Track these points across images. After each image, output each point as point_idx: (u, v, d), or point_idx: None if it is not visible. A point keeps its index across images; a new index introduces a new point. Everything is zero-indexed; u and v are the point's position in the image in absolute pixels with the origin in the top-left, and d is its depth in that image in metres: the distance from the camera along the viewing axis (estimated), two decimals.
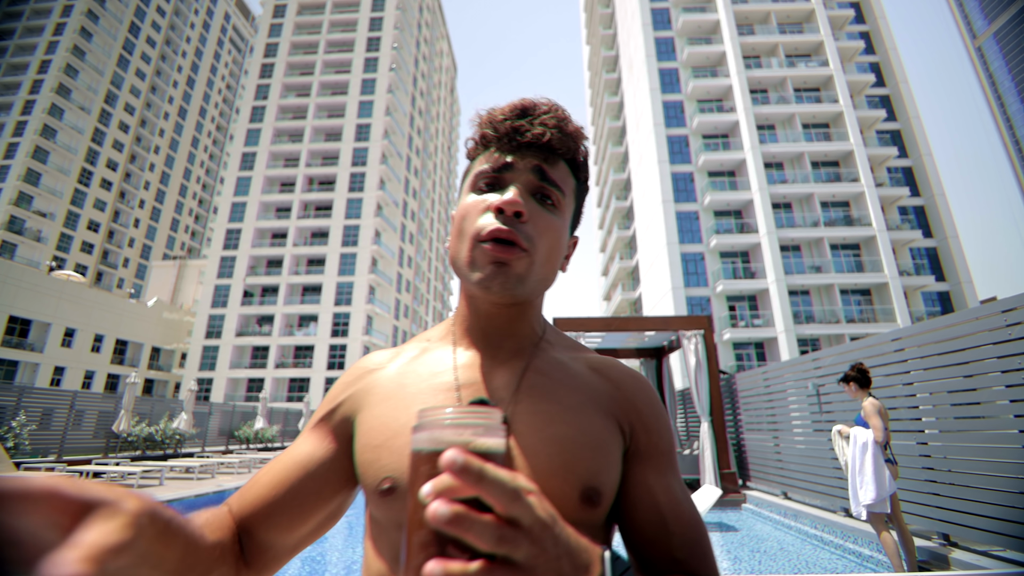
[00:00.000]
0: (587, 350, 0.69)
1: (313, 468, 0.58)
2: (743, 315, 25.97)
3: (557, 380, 0.60)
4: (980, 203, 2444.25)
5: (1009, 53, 71.13)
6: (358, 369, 0.65)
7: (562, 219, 0.61)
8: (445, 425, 0.31)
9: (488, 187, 0.60)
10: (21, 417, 9.30)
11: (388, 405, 0.58)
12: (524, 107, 0.61)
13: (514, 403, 0.57)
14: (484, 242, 0.56)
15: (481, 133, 0.63)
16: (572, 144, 0.61)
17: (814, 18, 30.60)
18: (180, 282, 47.17)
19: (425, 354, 0.64)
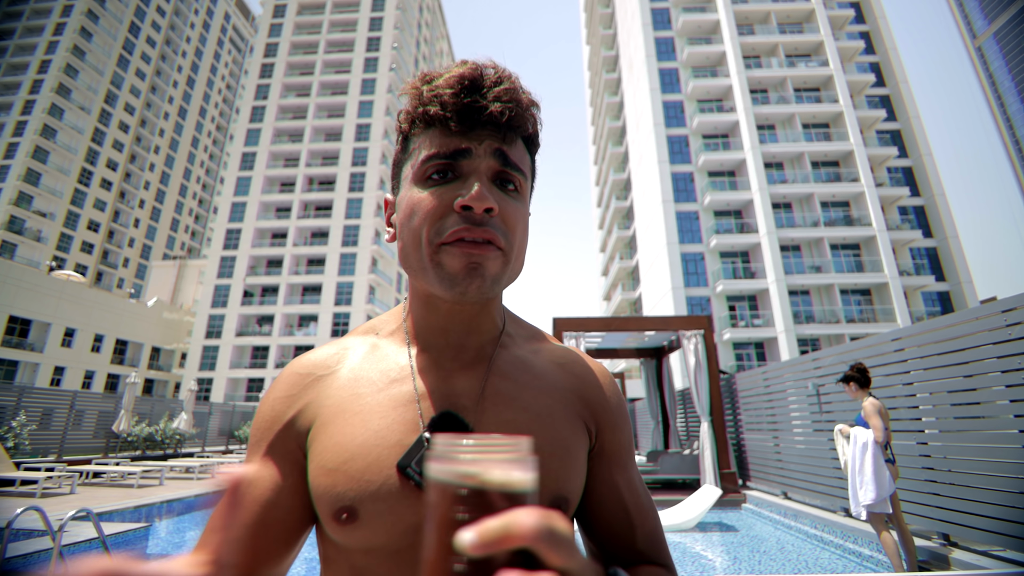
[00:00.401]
0: (548, 339, 0.65)
1: (290, 500, 0.51)
2: (743, 315, 25.97)
3: (522, 383, 0.56)
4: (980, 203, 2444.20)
5: (1009, 53, 71.13)
6: (299, 376, 0.56)
7: (525, 204, 0.56)
8: (468, 459, 0.27)
9: (439, 175, 0.52)
10: (21, 417, 9.30)
11: (342, 421, 0.52)
12: (472, 78, 0.52)
13: (479, 412, 0.53)
14: (450, 243, 0.50)
15: (423, 110, 0.53)
16: (528, 118, 0.55)
17: (814, 18, 30.60)
18: (180, 282, 47.16)
19: (376, 352, 0.58)
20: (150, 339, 38.71)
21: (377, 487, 0.48)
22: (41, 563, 4.07)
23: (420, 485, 0.47)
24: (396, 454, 0.49)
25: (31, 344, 30.48)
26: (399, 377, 0.55)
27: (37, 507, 3.76)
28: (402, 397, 0.53)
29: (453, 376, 0.55)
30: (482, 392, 0.54)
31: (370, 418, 0.51)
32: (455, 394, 0.54)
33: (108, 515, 5.90)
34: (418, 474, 0.48)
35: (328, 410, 0.53)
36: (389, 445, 0.50)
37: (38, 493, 7.08)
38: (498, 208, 0.51)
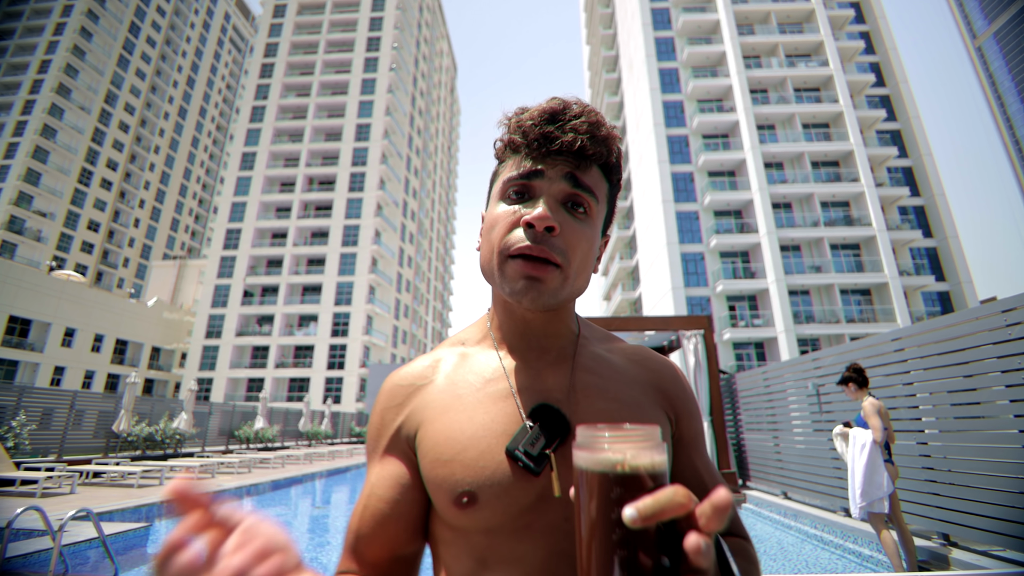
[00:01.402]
0: (618, 340, 0.71)
1: (408, 492, 0.58)
2: (743, 315, 25.97)
3: (606, 377, 0.61)
4: (980, 203, 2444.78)
5: (1009, 53, 71.11)
6: (401, 387, 0.63)
7: (593, 227, 0.60)
8: (611, 446, 0.32)
9: (517, 195, 0.59)
10: (21, 417, 9.30)
11: (449, 418, 0.58)
12: (554, 111, 0.59)
13: (571, 404, 0.58)
14: (514, 257, 0.56)
15: (509, 139, 0.61)
16: (605, 149, 0.59)
17: (814, 18, 30.60)
18: (180, 282, 47.17)
19: (467, 360, 0.64)
20: (150, 339, 38.72)
21: (492, 471, 0.53)
22: (41, 563, 4.07)
23: (528, 467, 0.53)
24: (504, 442, 0.55)
25: (31, 344, 30.48)
26: (494, 377, 0.61)
27: (37, 507, 3.76)
28: (500, 394, 0.59)
29: (542, 373, 0.61)
30: (571, 386, 0.60)
31: (475, 414, 0.57)
32: (547, 389, 0.59)
33: (108, 515, 5.90)
34: (524, 455, 0.53)
35: (433, 411, 0.59)
36: (496, 435, 0.55)
37: (38, 493, 7.08)
38: (560, 228, 0.56)
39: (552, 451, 0.54)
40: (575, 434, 0.53)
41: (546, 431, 0.55)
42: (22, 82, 43.67)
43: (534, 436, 0.55)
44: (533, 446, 0.54)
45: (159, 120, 55.05)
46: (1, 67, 44.84)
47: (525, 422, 0.56)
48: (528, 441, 0.54)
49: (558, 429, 0.56)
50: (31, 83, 43.47)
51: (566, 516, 0.53)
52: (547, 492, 0.53)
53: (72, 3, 46.45)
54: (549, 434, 0.55)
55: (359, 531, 0.57)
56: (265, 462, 13.46)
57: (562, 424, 0.56)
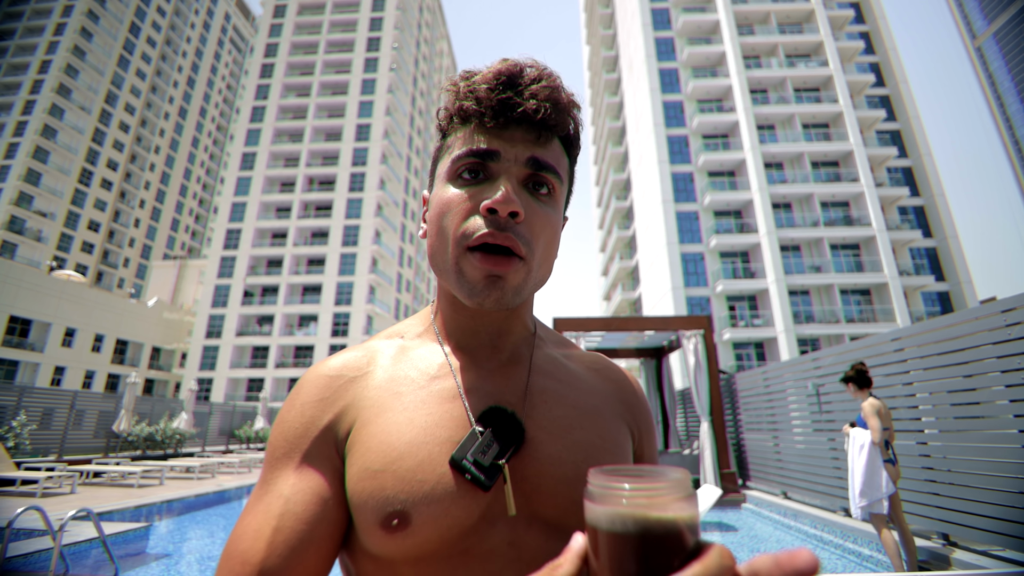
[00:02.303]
0: (575, 346, 0.65)
1: (334, 513, 0.46)
2: (743, 315, 25.97)
3: (564, 382, 0.56)
4: (980, 203, 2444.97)
5: (1009, 53, 71.11)
6: (329, 379, 0.52)
7: (557, 209, 0.54)
8: (636, 500, 0.25)
9: (471, 174, 0.51)
10: (22, 417, 9.30)
11: (385, 419, 0.49)
12: (511, 73, 0.51)
13: (527, 408, 0.52)
14: (472, 249, 0.49)
15: (459, 105, 0.53)
16: (566, 118, 0.53)
17: (814, 18, 30.60)
18: (180, 282, 47.17)
19: (407, 354, 0.56)
20: (150, 339, 38.72)
21: (431, 487, 0.44)
22: (41, 563, 4.07)
23: (477, 479, 0.45)
24: (448, 451, 0.46)
25: (31, 344, 30.48)
26: (439, 374, 0.53)
27: (37, 507, 3.77)
28: (446, 393, 0.51)
29: (493, 374, 0.54)
30: (527, 389, 0.53)
31: (416, 415, 0.49)
32: (499, 391, 0.53)
33: (108, 515, 5.90)
34: (474, 465, 0.45)
35: (368, 411, 0.50)
36: (440, 442, 0.47)
37: (38, 493, 7.08)
38: (524, 213, 0.49)
39: (506, 462, 0.46)
40: (530, 439, 0.49)
41: (499, 438, 0.47)
42: (22, 82, 43.67)
43: (485, 443, 0.46)
44: (484, 455, 0.46)
45: (159, 120, 55.05)
46: (1, 67, 44.84)
47: (475, 427, 0.48)
48: (478, 449, 0.46)
49: (512, 436, 0.48)
50: (31, 83, 43.48)
51: (510, 541, 0.45)
52: (491, 511, 0.46)
53: (72, 3, 46.45)
54: (503, 442, 0.47)
55: (265, 563, 0.42)
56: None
57: (516, 430, 0.48)
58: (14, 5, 47.57)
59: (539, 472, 0.47)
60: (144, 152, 52.61)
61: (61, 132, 43.17)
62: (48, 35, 45.51)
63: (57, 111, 43.06)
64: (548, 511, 0.46)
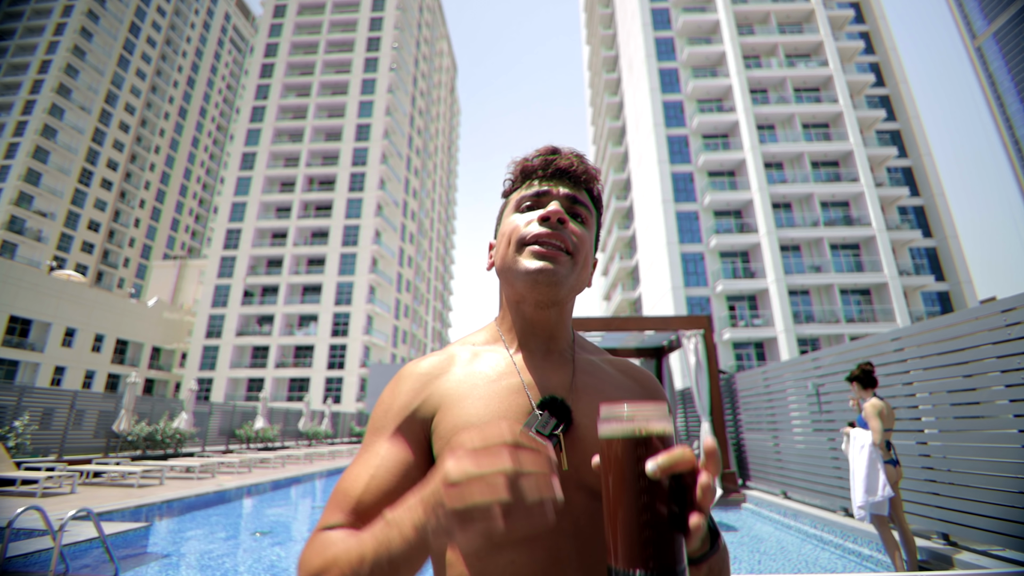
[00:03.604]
0: (605, 353, 0.80)
1: (411, 472, 0.60)
2: (743, 315, 25.97)
3: (601, 379, 0.70)
4: (980, 203, 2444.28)
5: (1009, 53, 71.08)
6: (420, 376, 0.68)
7: (590, 234, 0.72)
8: (633, 418, 0.42)
9: (528, 208, 0.71)
10: (24, 418, 9.31)
11: (466, 404, 0.63)
12: (553, 149, 0.75)
13: (573, 400, 0.65)
14: (530, 244, 0.66)
15: (522, 167, 0.75)
16: (591, 178, 0.74)
17: (814, 18, 30.59)
18: (180, 282, 47.16)
19: (479, 357, 0.70)
20: (150, 339, 38.71)
21: None
22: (41, 563, 4.07)
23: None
24: (517, 425, 0.59)
25: (31, 344, 30.48)
26: (506, 372, 0.67)
27: (37, 507, 3.77)
28: (512, 387, 0.65)
29: (547, 372, 0.68)
30: (572, 385, 0.67)
31: (490, 402, 0.63)
32: (552, 386, 0.66)
33: (108, 515, 5.90)
34: (538, 434, 0.59)
35: (450, 398, 0.64)
36: (511, 419, 0.62)
37: (38, 493, 7.08)
38: (568, 223, 0.68)
39: (562, 431, 0.61)
40: (576, 423, 0.64)
41: (554, 418, 0.62)
42: (23, 82, 43.66)
43: (544, 421, 0.61)
44: (545, 427, 0.60)
45: (159, 120, 55.05)
46: (1, 67, 44.84)
47: (536, 411, 0.62)
48: (540, 424, 0.61)
49: (563, 418, 0.62)
50: (31, 83, 43.47)
51: (566, 496, 0.58)
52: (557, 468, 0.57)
53: (72, 3, 46.45)
54: (557, 420, 0.62)
55: (361, 498, 0.58)
56: (265, 462, 13.46)
57: (566, 415, 0.62)
58: (14, 5, 47.57)
59: (582, 450, 0.61)
60: (144, 152, 52.60)
61: (61, 132, 43.17)
62: (48, 35, 45.50)
63: (57, 111, 43.06)
64: (588, 478, 0.60)
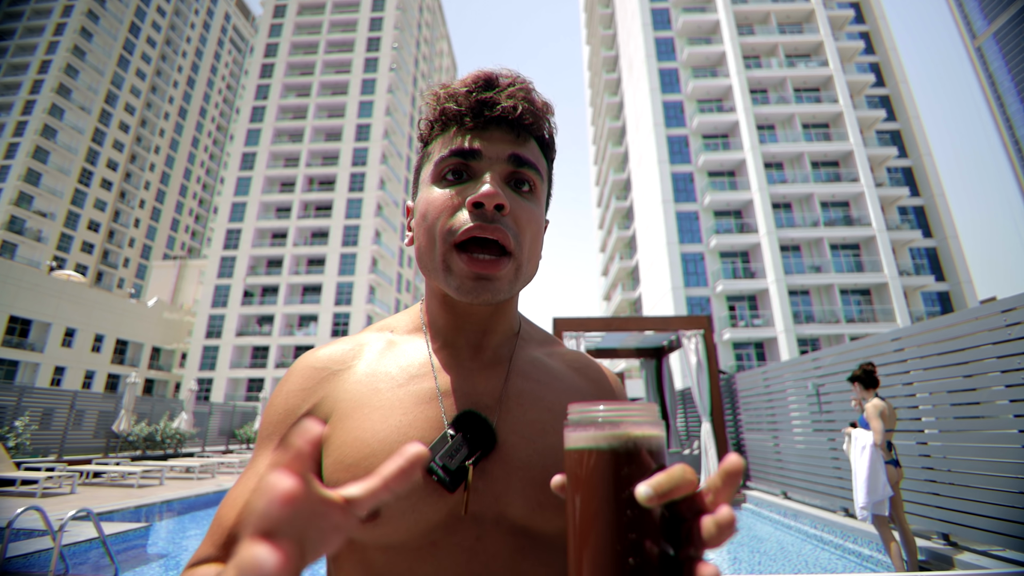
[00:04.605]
0: (559, 343, 0.66)
1: None
2: (743, 315, 25.97)
3: (543, 384, 0.57)
4: (980, 203, 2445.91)
5: (1009, 53, 71.09)
6: (314, 369, 0.55)
7: (539, 206, 0.56)
8: (615, 422, 0.30)
9: (454, 175, 0.53)
10: (25, 418, 9.31)
11: (361, 415, 0.50)
12: (488, 78, 0.54)
13: (502, 411, 0.53)
14: (459, 244, 0.51)
15: (440, 109, 0.55)
16: (542, 120, 0.56)
17: (814, 18, 30.59)
18: (180, 282, 47.16)
19: (393, 349, 0.58)
20: (150, 339, 38.71)
21: None
22: (41, 563, 4.07)
23: (443, 481, 0.47)
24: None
25: (31, 344, 30.47)
26: (419, 373, 0.54)
27: (37, 507, 3.77)
28: (423, 394, 0.52)
29: (473, 375, 0.55)
30: (504, 391, 0.54)
31: (391, 413, 0.50)
32: (476, 393, 0.54)
33: (108, 515, 5.90)
34: (441, 469, 0.47)
35: (345, 404, 0.52)
36: (412, 441, 0.48)
37: (38, 493, 7.08)
38: (510, 207, 0.51)
39: (472, 464, 0.48)
40: (502, 441, 0.51)
41: (469, 442, 0.49)
42: (22, 82, 43.66)
43: (455, 447, 0.48)
44: (452, 459, 0.48)
45: (159, 120, 55.05)
46: (1, 67, 44.84)
47: (447, 430, 0.49)
48: (447, 453, 0.48)
49: (482, 440, 0.50)
50: (31, 83, 43.47)
51: (477, 536, 0.47)
52: (459, 509, 0.48)
53: (72, 3, 46.45)
54: (471, 446, 0.49)
55: (233, 531, 0.48)
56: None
57: (487, 435, 0.50)
58: (14, 5, 47.57)
59: (509, 474, 0.49)
60: (144, 152, 52.60)
61: (61, 132, 43.16)
62: (48, 35, 45.50)
63: (57, 111, 43.05)
64: (516, 512, 0.48)
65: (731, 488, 0.28)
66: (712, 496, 0.28)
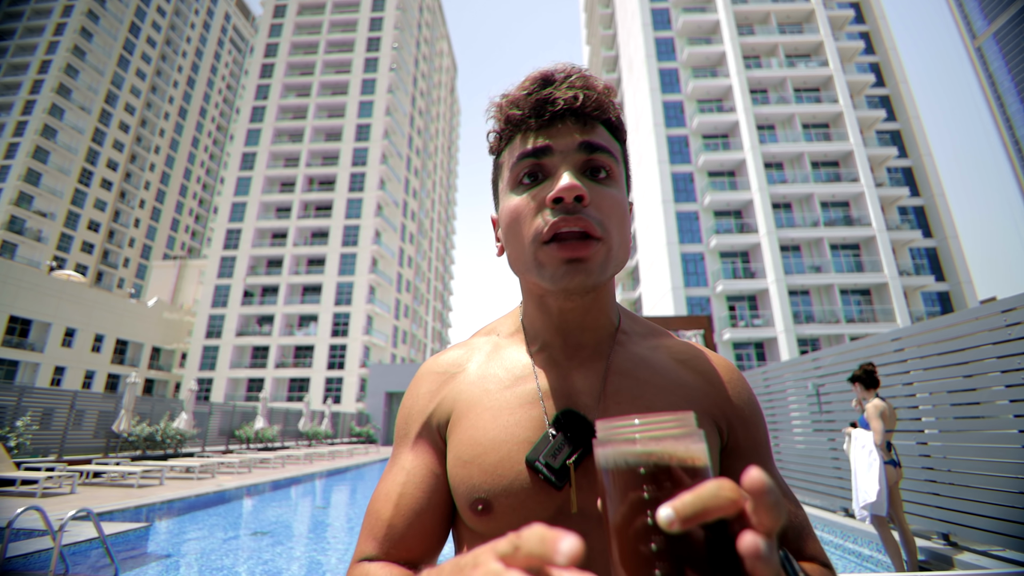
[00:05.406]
0: (667, 334, 0.64)
1: (440, 485, 0.55)
2: (743, 315, 25.97)
3: (643, 381, 0.55)
4: (980, 203, 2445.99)
5: (1009, 53, 71.10)
6: (436, 374, 0.61)
7: (620, 190, 0.55)
8: (643, 438, 0.26)
9: (530, 178, 0.54)
10: (26, 418, 9.31)
11: (475, 415, 0.55)
12: (544, 77, 0.54)
13: (601, 410, 0.53)
14: (547, 243, 0.51)
15: (505, 116, 0.55)
16: (606, 103, 0.55)
17: (814, 18, 30.59)
18: (180, 282, 47.17)
19: (499, 352, 0.61)
20: (150, 339, 38.71)
21: (509, 481, 0.50)
22: (41, 563, 4.07)
23: (549, 479, 0.48)
24: (525, 450, 0.51)
25: (31, 344, 30.48)
26: (523, 375, 0.57)
27: (37, 507, 3.77)
28: (527, 395, 0.55)
29: (571, 375, 0.56)
30: (603, 390, 0.54)
31: (499, 414, 0.54)
32: (576, 392, 0.55)
33: (108, 515, 5.90)
34: (546, 467, 0.49)
35: (462, 404, 0.56)
36: (518, 441, 0.52)
37: (38, 493, 7.08)
38: (590, 197, 0.51)
39: (573, 463, 0.49)
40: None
41: (571, 441, 0.50)
42: (22, 82, 43.67)
43: (557, 446, 0.50)
44: (555, 458, 0.49)
45: (159, 120, 55.06)
46: (1, 67, 44.84)
47: (548, 430, 0.51)
48: (550, 452, 0.49)
49: (584, 438, 0.50)
50: (31, 83, 43.48)
51: (583, 532, 0.48)
52: (568, 506, 0.50)
53: (72, 3, 46.46)
54: (574, 444, 0.50)
55: (392, 522, 0.53)
56: (265, 462, 13.46)
57: (588, 433, 0.51)
58: (14, 5, 47.58)
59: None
60: (144, 152, 52.60)
61: (61, 132, 43.17)
62: (48, 35, 45.51)
63: (57, 111, 43.06)
64: None
65: (764, 509, 0.24)
66: (754, 518, 0.24)
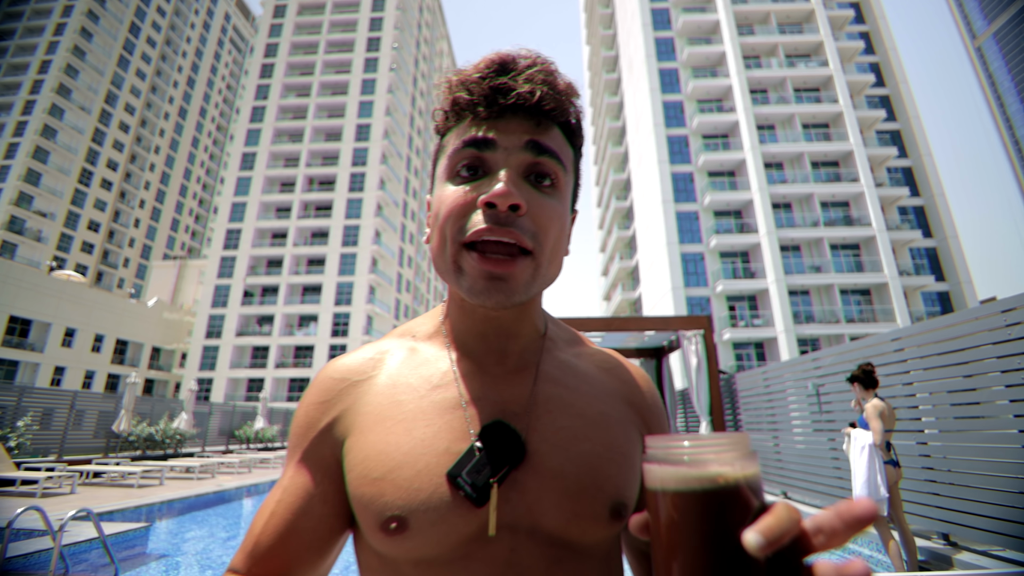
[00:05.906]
0: (587, 342, 0.63)
1: (313, 507, 0.50)
2: (743, 315, 25.97)
3: (572, 388, 0.54)
4: (980, 203, 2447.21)
5: (1009, 53, 71.09)
6: (334, 381, 0.53)
7: (563, 201, 0.51)
8: (704, 461, 0.26)
9: (469, 171, 0.49)
10: (27, 418, 9.31)
11: (384, 428, 0.49)
12: (503, 61, 0.49)
13: (531, 419, 0.50)
14: (470, 245, 0.47)
15: (453, 98, 0.50)
16: (565, 104, 0.50)
17: (814, 18, 30.59)
18: (180, 282, 47.16)
19: (414, 356, 0.55)
20: (150, 339, 38.71)
21: (427, 496, 0.45)
22: (41, 563, 4.07)
23: (470, 496, 0.45)
24: (445, 462, 0.47)
25: (31, 344, 30.47)
26: (441, 383, 0.52)
27: (37, 507, 3.77)
28: (447, 403, 0.50)
29: (498, 382, 0.53)
30: (532, 398, 0.52)
31: (414, 425, 0.49)
32: (503, 400, 0.51)
33: (108, 515, 5.90)
34: (469, 485, 0.45)
35: (367, 418, 0.50)
36: (437, 453, 0.47)
37: (38, 493, 7.08)
38: (526, 206, 0.46)
39: (497, 481, 0.46)
40: (533, 451, 0.48)
41: (495, 456, 0.47)
42: (22, 82, 43.66)
43: (481, 462, 0.46)
44: (479, 474, 0.46)
45: (159, 120, 55.05)
46: (1, 67, 44.83)
47: (473, 443, 0.47)
48: (474, 468, 0.46)
49: (510, 453, 0.47)
50: (31, 83, 43.46)
51: (512, 548, 0.46)
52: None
53: (72, 3, 46.44)
54: (498, 460, 0.47)
55: (259, 539, 0.49)
56: (265, 462, 13.46)
57: (516, 447, 0.48)
58: (14, 5, 47.56)
59: (541, 484, 0.47)
60: (144, 152, 52.60)
61: (61, 132, 43.16)
62: (48, 35, 45.49)
63: (57, 111, 43.05)
64: (550, 523, 0.46)
65: (853, 533, 0.24)
66: (824, 538, 0.24)
